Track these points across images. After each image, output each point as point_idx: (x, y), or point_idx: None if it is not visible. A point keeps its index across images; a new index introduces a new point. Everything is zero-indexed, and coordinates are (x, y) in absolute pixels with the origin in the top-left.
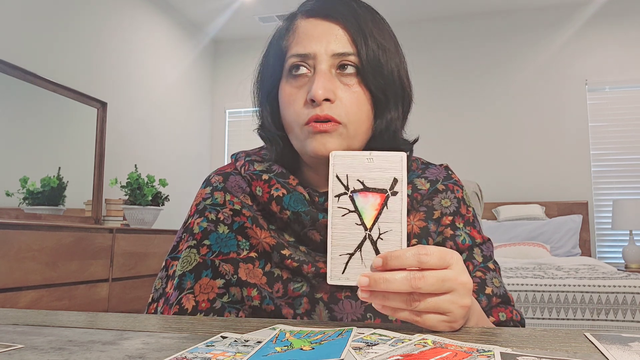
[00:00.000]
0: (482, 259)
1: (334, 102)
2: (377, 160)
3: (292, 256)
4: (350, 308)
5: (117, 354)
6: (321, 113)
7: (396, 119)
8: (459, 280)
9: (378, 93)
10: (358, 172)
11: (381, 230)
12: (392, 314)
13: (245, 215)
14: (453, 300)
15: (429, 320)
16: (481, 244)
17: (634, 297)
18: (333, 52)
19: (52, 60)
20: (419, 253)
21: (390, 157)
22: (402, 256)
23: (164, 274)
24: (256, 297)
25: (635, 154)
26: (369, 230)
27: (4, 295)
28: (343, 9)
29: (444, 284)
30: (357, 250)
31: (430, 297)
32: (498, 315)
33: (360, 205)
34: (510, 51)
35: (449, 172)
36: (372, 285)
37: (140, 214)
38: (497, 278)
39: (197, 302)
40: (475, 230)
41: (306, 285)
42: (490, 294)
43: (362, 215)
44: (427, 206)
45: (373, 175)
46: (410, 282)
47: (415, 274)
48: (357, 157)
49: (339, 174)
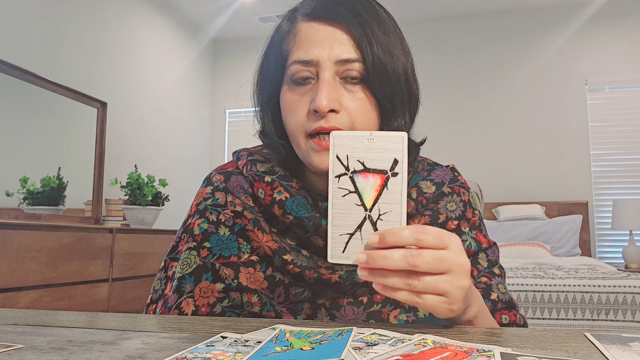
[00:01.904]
0: (487, 264)
1: (339, 112)
2: (378, 140)
3: (294, 261)
4: (352, 314)
5: (117, 354)
6: (326, 125)
7: (403, 126)
8: (457, 261)
9: (384, 101)
10: (358, 152)
11: (381, 211)
12: (392, 294)
13: (247, 217)
14: (451, 281)
15: (429, 301)
16: (487, 249)
17: (634, 297)
18: (337, 58)
19: (52, 60)
20: (416, 231)
21: (391, 138)
22: (399, 233)
23: (163, 274)
24: (256, 304)
25: (635, 154)
26: (369, 211)
27: (4, 295)
28: (346, 11)
29: (442, 264)
30: (357, 230)
31: (428, 276)
32: (501, 317)
33: (360, 186)
34: (510, 51)
35: (455, 174)
36: (370, 262)
37: (140, 214)
38: (503, 284)
39: (197, 306)
40: (482, 234)
41: (308, 290)
42: (496, 300)
43: (362, 195)
44: (433, 210)
45: (373, 155)
46: (407, 259)
47: (412, 251)
48: (357, 138)
49: (339, 154)
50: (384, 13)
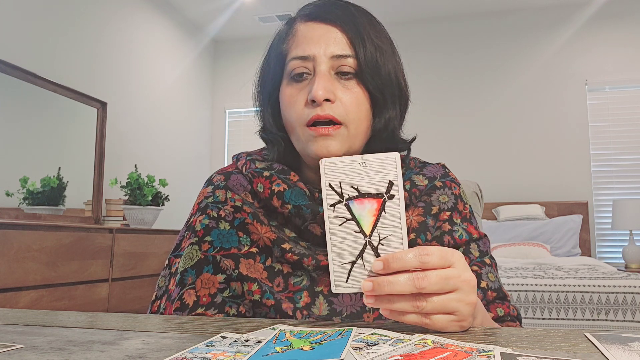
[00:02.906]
0: (478, 253)
1: (334, 102)
2: (370, 164)
3: (292, 249)
4: (350, 300)
5: (117, 354)
6: (322, 113)
7: (394, 118)
8: (463, 278)
9: (376, 93)
10: (351, 178)
11: (381, 236)
12: (400, 318)
13: (246, 211)
14: (459, 299)
15: (438, 321)
16: (478, 240)
17: (634, 297)
18: (332, 54)
19: (52, 60)
20: (420, 254)
21: (384, 159)
22: (403, 258)
23: (167, 272)
24: (256, 292)
25: (635, 154)
26: (368, 237)
27: (4, 295)
28: (341, 13)
29: (448, 282)
30: (359, 258)
31: (435, 296)
32: (496, 310)
33: (357, 213)
34: (510, 51)
35: (446, 170)
36: (376, 289)
37: (140, 214)
38: (493, 273)
39: (199, 296)
40: (472, 226)
41: (306, 279)
42: (486, 288)
43: (360, 222)
44: (426, 202)
45: (367, 180)
46: (414, 283)
47: (418, 274)
48: (348, 163)
49: (331, 182)
50: (376, 19)
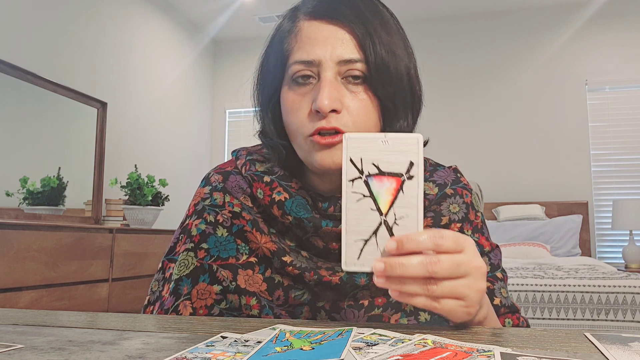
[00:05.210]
0: (489, 267)
1: (341, 112)
2: (393, 142)
3: (293, 263)
4: (352, 317)
5: (117, 354)
6: (327, 125)
7: (405, 128)
8: (474, 264)
9: (386, 102)
10: (373, 155)
11: (397, 216)
12: (409, 300)
13: (245, 218)
14: (469, 285)
15: (447, 305)
16: (489, 252)
17: (634, 297)
18: (339, 58)
19: (52, 60)
20: (434, 236)
21: (406, 139)
22: (417, 239)
23: (160, 275)
24: (255, 306)
25: (635, 154)
26: (384, 216)
27: (4, 295)
28: (348, 10)
29: (459, 268)
30: (373, 236)
31: (446, 281)
32: (504, 321)
33: (375, 190)
34: (510, 51)
35: (458, 175)
36: (387, 271)
37: (140, 214)
38: (505, 288)
39: (195, 308)
40: (484, 237)
41: (308, 293)
42: (499, 305)
43: (377, 200)
44: (435, 212)
45: (388, 158)
46: (426, 267)
47: (432, 258)
48: (371, 140)
49: (352, 157)
50: (387, 12)
